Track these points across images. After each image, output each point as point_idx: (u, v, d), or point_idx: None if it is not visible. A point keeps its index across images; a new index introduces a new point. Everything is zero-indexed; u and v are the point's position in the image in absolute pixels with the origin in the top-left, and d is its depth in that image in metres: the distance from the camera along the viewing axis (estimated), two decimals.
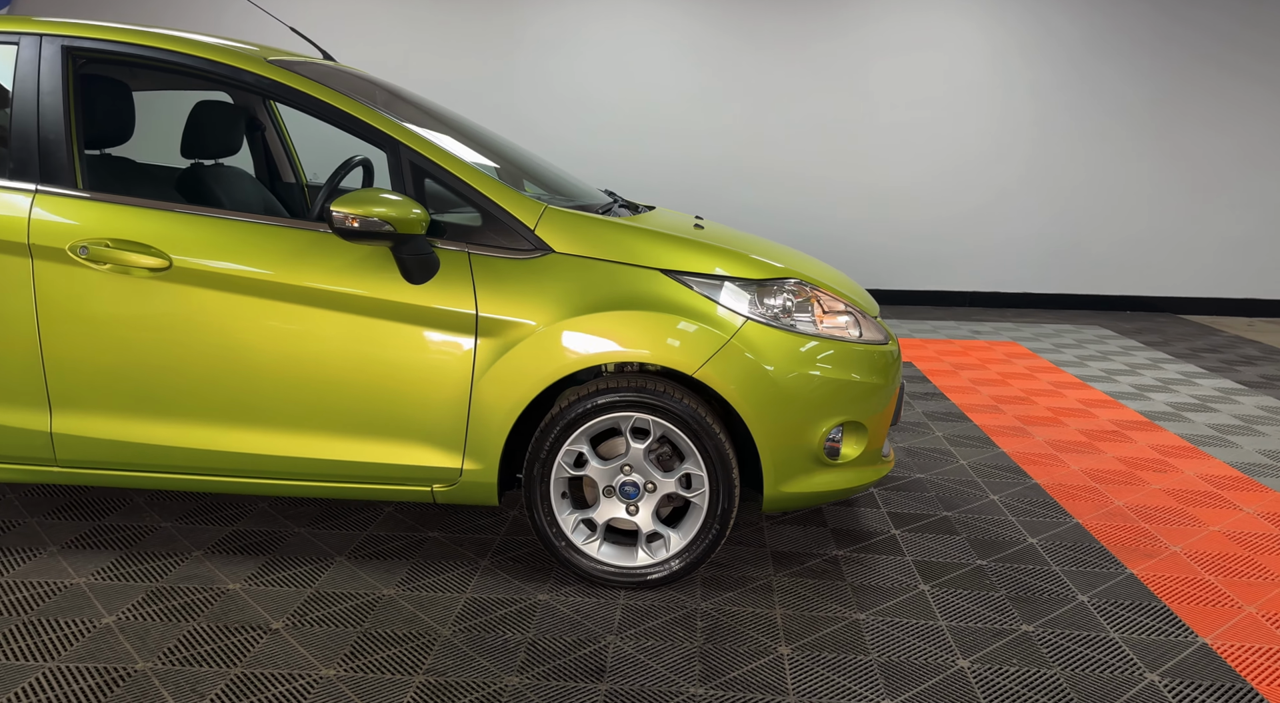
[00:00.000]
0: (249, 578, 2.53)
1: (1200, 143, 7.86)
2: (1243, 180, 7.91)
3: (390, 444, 2.48)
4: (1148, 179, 7.94)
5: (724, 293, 2.47)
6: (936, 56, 7.80)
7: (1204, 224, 8.01)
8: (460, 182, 2.48)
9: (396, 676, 2.05)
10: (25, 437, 2.47)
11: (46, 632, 2.21)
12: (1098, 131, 7.88)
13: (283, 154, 3.96)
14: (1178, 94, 7.79)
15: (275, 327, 2.42)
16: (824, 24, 7.79)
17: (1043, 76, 7.80)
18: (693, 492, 2.46)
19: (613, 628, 2.29)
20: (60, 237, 2.39)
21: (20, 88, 2.49)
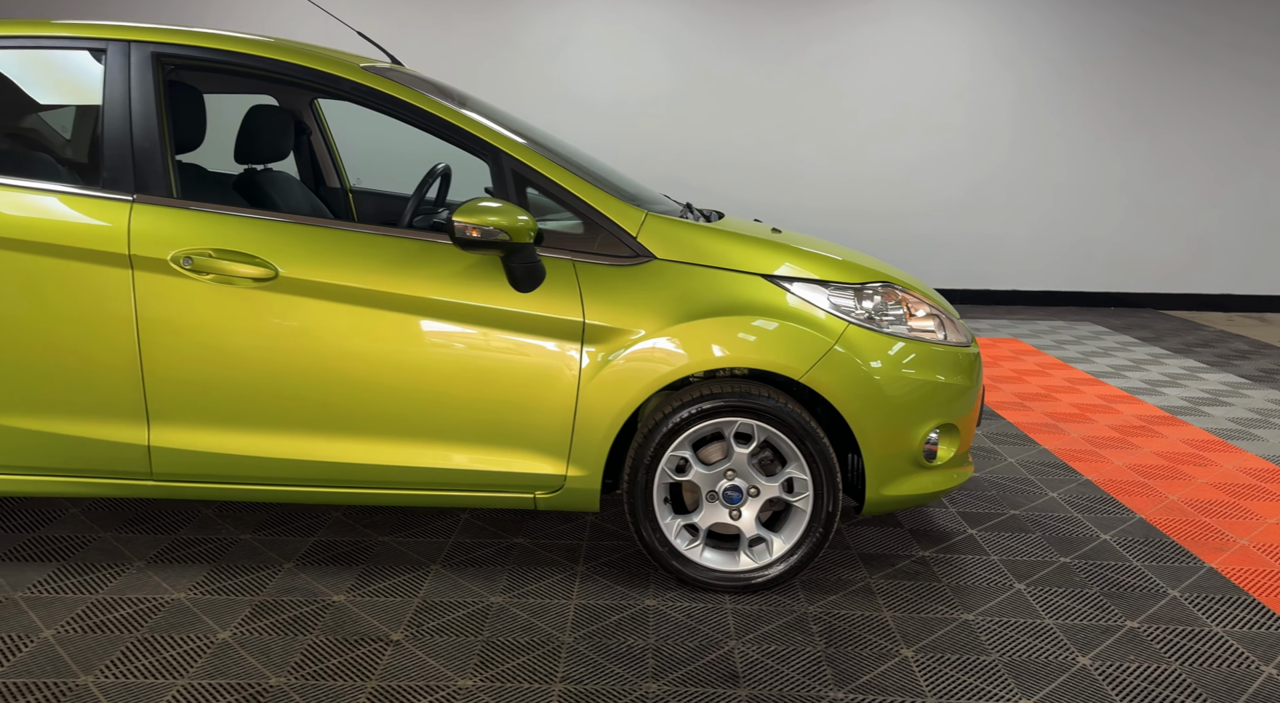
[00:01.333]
0: (350, 589, 2.52)
1: (1175, 140, 8.06)
2: (1217, 176, 8.12)
3: (495, 452, 2.48)
4: (1126, 176, 8.13)
5: (824, 297, 2.51)
6: (920, 57, 7.90)
7: (1179, 220, 8.22)
8: (563, 190, 2.49)
9: (535, 684, 2.05)
10: (122, 451, 2.43)
11: (165, 648, 2.18)
12: (1077, 131, 8.04)
13: (328, 158, 3.92)
14: (1154, 92, 7.97)
15: (380, 336, 2.41)
16: (816, 25, 7.86)
17: (1025, 76, 7.94)
18: (795, 496, 2.49)
19: (730, 633, 2.31)
20: (161, 247, 2.35)
21: (111, 96, 2.45)
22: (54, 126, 3.30)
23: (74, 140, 3.32)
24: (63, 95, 3.00)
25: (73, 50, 2.55)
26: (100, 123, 2.44)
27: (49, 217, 2.35)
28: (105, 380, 2.39)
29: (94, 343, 2.36)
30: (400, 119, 2.54)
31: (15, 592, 2.44)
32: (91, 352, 2.37)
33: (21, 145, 3.17)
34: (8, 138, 3.06)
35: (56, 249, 2.34)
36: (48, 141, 3.26)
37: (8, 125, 2.99)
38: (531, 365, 2.42)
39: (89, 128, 2.83)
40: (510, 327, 2.41)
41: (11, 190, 2.38)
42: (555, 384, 2.43)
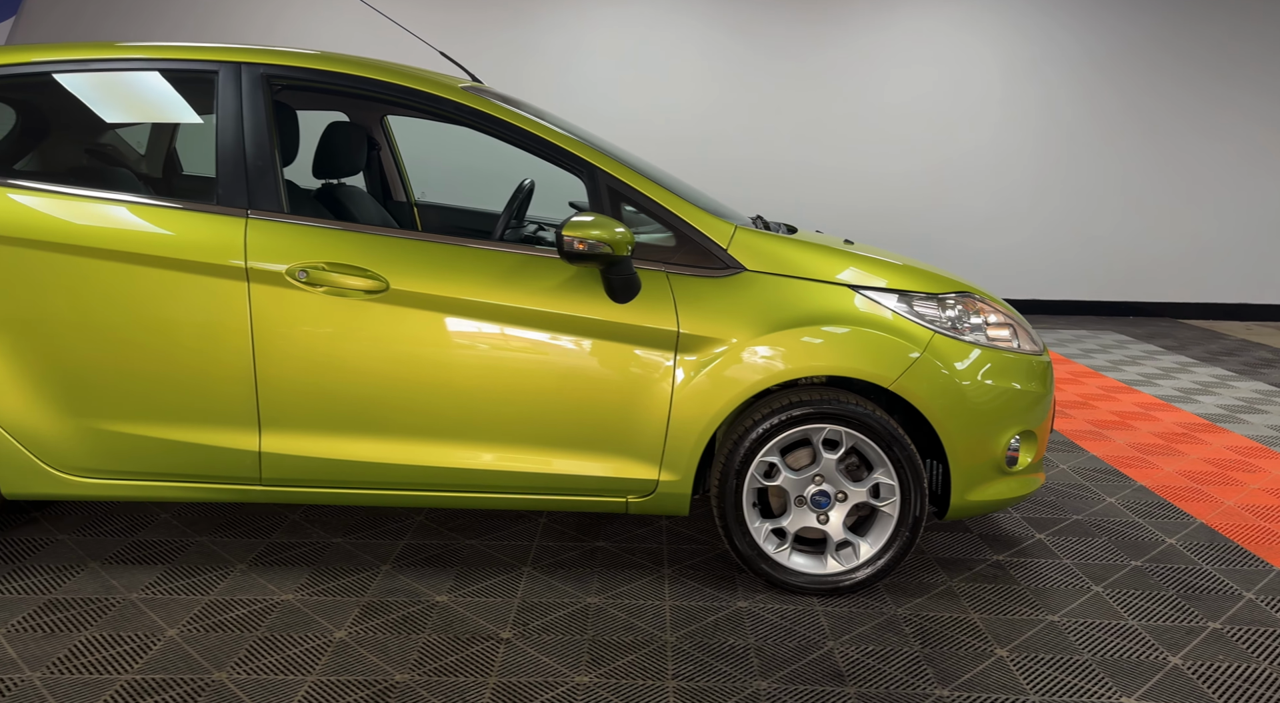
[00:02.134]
0: (451, 590, 2.60)
1: (1194, 150, 8.15)
2: (1235, 186, 8.21)
3: (591, 457, 2.56)
4: (1145, 187, 8.22)
5: (910, 307, 2.59)
6: (943, 69, 8.00)
7: (1198, 230, 8.30)
8: (657, 205, 2.58)
9: (648, 681, 2.13)
10: (234, 457, 2.52)
11: (287, 647, 2.26)
12: (1097, 141, 8.13)
13: (395, 173, 4.02)
14: (1172, 103, 8.07)
15: (484, 345, 2.50)
16: (839, 37, 7.95)
17: (1048, 89, 8.03)
18: (881, 501, 2.58)
19: (827, 634, 2.39)
20: (277, 260, 2.44)
21: (224, 116, 2.54)
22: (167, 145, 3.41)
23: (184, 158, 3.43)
24: (173, 115, 3.11)
25: (183, 73, 2.65)
26: (215, 142, 2.54)
27: (168, 232, 2.45)
28: (220, 389, 2.47)
29: (210, 353, 2.45)
30: (498, 137, 2.63)
31: (131, 593, 2.53)
32: (208, 361, 2.46)
33: (137, 163, 3.28)
34: (123, 156, 3.17)
35: (175, 263, 2.43)
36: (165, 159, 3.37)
37: (120, 143, 3.09)
38: (628, 373, 2.51)
39: (202, 145, 2.92)
40: (607, 336, 2.50)
41: (131, 207, 2.48)
42: (650, 391, 2.51)
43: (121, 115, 3.10)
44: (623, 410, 2.52)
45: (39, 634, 2.28)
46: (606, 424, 2.54)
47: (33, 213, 2.43)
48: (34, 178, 2.60)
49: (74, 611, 2.41)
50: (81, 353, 2.44)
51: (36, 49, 2.59)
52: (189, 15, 7.92)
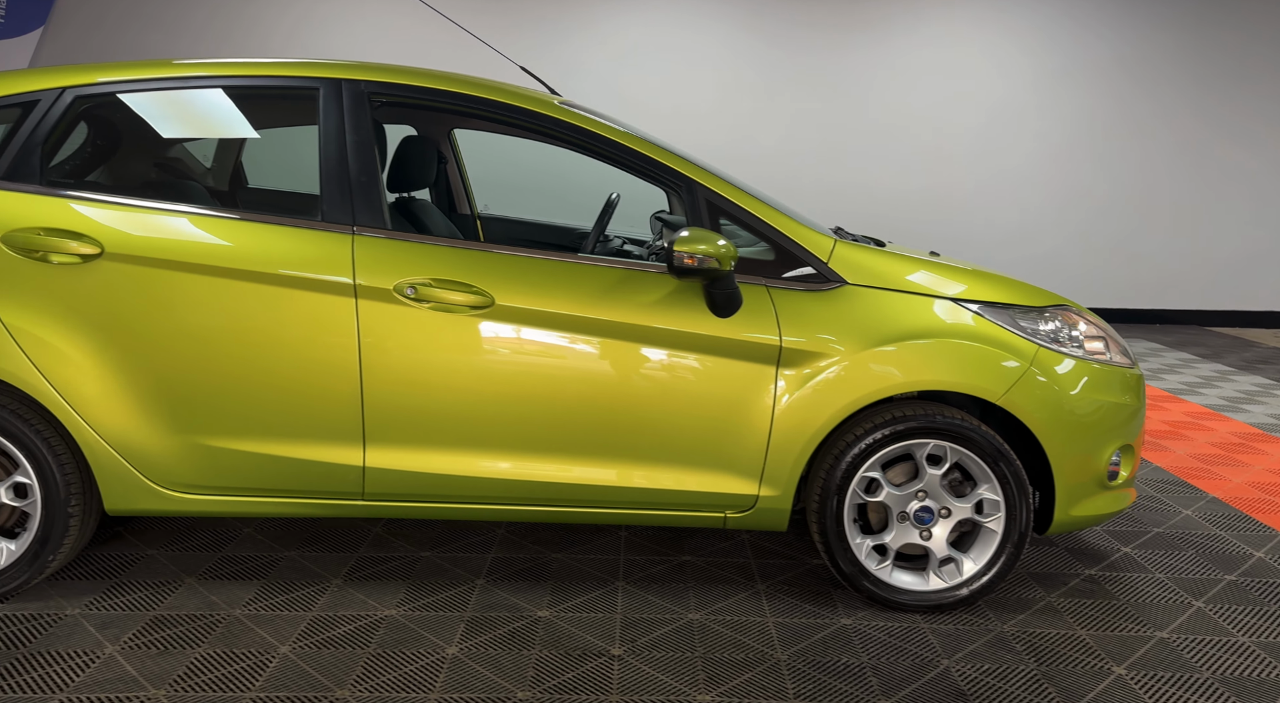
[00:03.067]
0: (551, 605, 2.59)
1: (1221, 158, 8.14)
2: (1263, 195, 8.20)
3: (691, 472, 2.55)
4: (1174, 194, 8.21)
5: (1011, 320, 2.58)
6: (972, 80, 8.00)
7: (1224, 238, 8.29)
8: (756, 218, 2.58)
9: (772, 701, 2.12)
10: (338, 472, 2.52)
11: (402, 664, 2.25)
12: (1126, 149, 8.12)
13: (460, 186, 4.02)
14: (1202, 112, 8.06)
15: (587, 360, 2.49)
16: (867, 48, 7.96)
17: (1077, 97, 8.04)
18: (985, 516, 2.56)
19: (938, 651, 2.38)
20: (385, 276, 2.44)
21: (327, 133, 2.55)
22: (234, 159, 3.42)
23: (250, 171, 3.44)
24: (271, 131, 3.12)
25: (285, 90, 2.66)
26: (318, 159, 2.54)
27: (275, 248, 2.45)
28: (327, 404, 2.47)
29: (317, 368, 2.45)
30: (596, 153, 2.64)
31: (233, 609, 2.52)
32: (315, 377, 2.46)
33: (204, 177, 3.29)
34: (190, 169, 3.18)
35: (283, 279, 2.43)
36: (231, 173, 3.38)
37: (188, 157, 3.10)
38: (729, 389, 2.50)
39: (268, 158, 2.93)
40: (709, 350, 2.49)
41: (237, 223, 2.49)
42: (751, 406, 2.51)
43: (221, 132, 3.11)
44: (723, 425, 2.52)
45: (153, 651, 2.28)
46: (707, 439, 2.53)
47: (140, 231, 2.44)
48: (138, 194, 2.61)
49: (182, 627, 2.41)
50: (188, 370, 2.44)
51: (137, 66, 2.60)
52: (210, 25, 7.97)
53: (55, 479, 2.44)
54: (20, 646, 2.29)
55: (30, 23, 8.17)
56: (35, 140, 2.49)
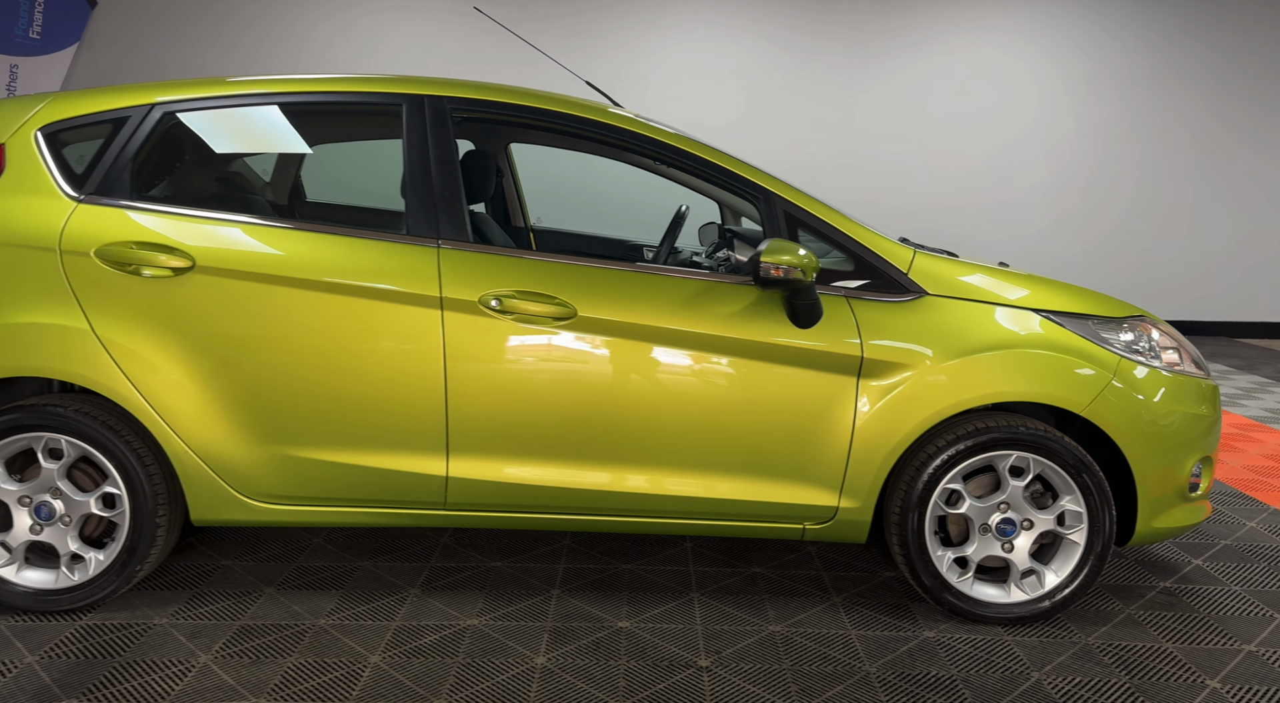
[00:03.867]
0: (630, 615, 2.60)
1: (1246, 170, 8.11)
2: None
3: (770, 483, 2.56)
4: (1197, 205, 8.17)
5: (1094, 331, 2.58)
6: (994, 90, 8.01)
7: (1249, 248, 8.25)
8: (834, 229, 2.59)
9: None
10: (422, 482, 2.53)
11: (493, 674, 2.26)
12: (1149, 161, 8.10)
13: (515, 199, 4.06)
14: (1225, 121, 8.03)
15: (668, 371, 2.51)
16: (883, 56, 7.98)
17: (1102, 108, 8.03)
18: (1068, 528, 2.55)
19: (1026, 664, 2.37)
20: (470, 288, 2.46)
21: (411, 148, 2.58)
22: (294, 173, 3.46)
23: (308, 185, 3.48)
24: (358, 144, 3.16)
25: (369, 106, 2.70)
26: (403, 173, 2.57)
27: (361, 261, 2.48)
28: (412, 414, 2.49)
29: (403, 379, 2.47)
30: (677, 167, 2.66)
31: (317, 619, 2.54)
32: (400, 388, 2.48)
33: (263, 190, 3.33)
34: (250, 183, 3.22)
35: (370, 292, 2.45)
36: (291, 187, 3.42)
37: (247, 171, 3.14)
38: (810, 399, 2.51)
39: (326, 172, 2.95)
40: (791, 361, 2.50)
41: (323, 236, 2.51)
42: (832, 418, 2.51)
43: (304, 147, 3.16)
44: (804, 436, 2.52)
45: (246, 660, 2.30)
46: (787, 450, 2.53)
47: (230, 244, 2.47)
48: (225, 209, 2.65)
49: (270, 637, 2.43)
50: (275, 381, 2.47)
51: (222, 82, 2.64)
52: (241, 39, 8.07)
53: (144, 490, 2.46)
54: (115, 655, 2.31)
55: (66, 39, 8.30)
56: (126, 156, 2.53)
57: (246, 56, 8.09)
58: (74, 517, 2.50)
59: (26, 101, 2.61)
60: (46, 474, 2.48)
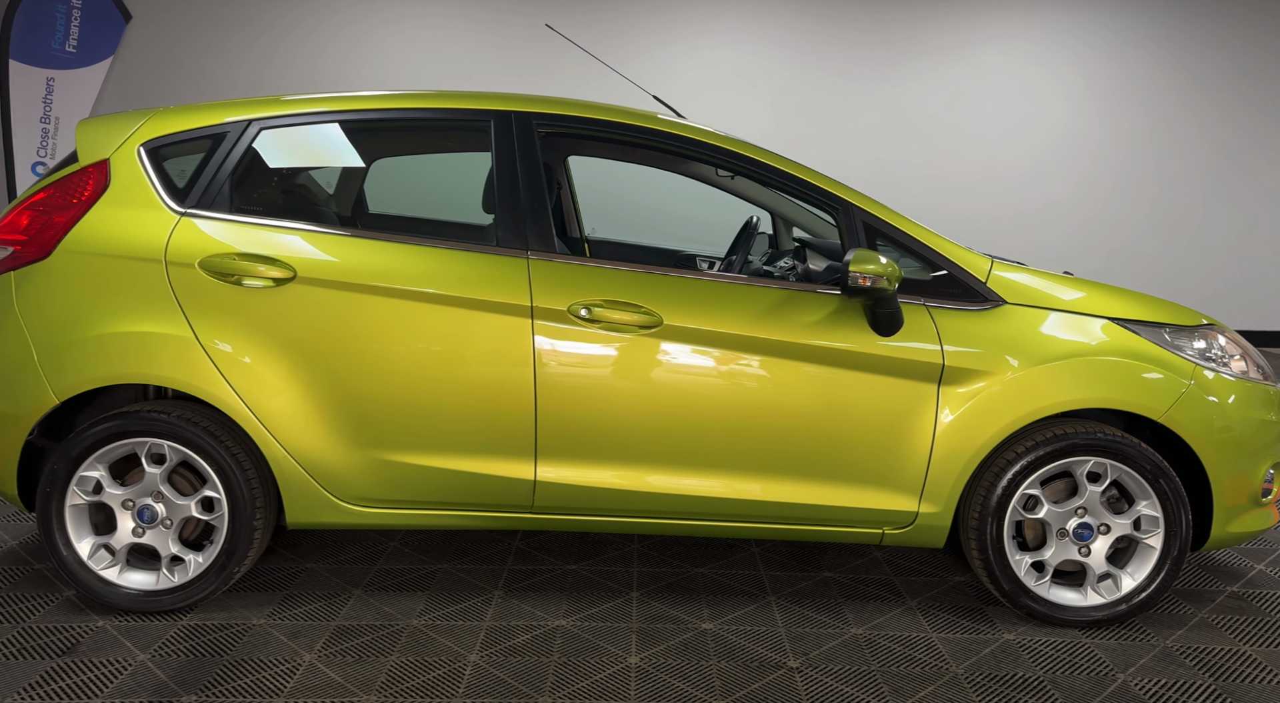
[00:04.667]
0: (711, 617, 2.66)
1: (1273, 181, 8.13)
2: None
3: (850, 488, 2.61)
4: (1225, 216, 8.19)
5: (1169, 339, 2.63)
6: (1021, 102, 8.05)
7: (1272, 259, 8.26)
8: (913, 239, 2.65)
9: None
10: (511, 486, 2.60)
11: (591, 672, 2.32)
12: (1175, 172, 8.13)
13: (571, 210, 4.13)
14: (1251, 134, 8.05)
15: (752, 378, 2.57)
16: (913, 66, 8.03)
17: (1126, 120, 8.07)
18: (1144, 533, 2.60)
19: (1110, 666, 2.41)
20: (559, 298, 2.53)
21: (501, 162, 2.66)
22: (359, 185, 3.55)
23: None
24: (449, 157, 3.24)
25: (457, 121, 2.78)
26: (494, 187, 2.65)
27: (455, 272, 2.55)
28: (503, 420, 2.56)
29: (495, 386, 2.54)
30: (758, 180, 2.74)
31: (409, 619, 2.60)
32: (492, 394, 2.54)
33: (327, 202, 3.41)
34: (315, 195, 3.30)
35: (463, 301, 2.52)
36: (355, 199, 3.50)
37: (312, 184, 3.22)
38: (890, 406, 2.56)
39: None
40: (871, 369, 2.56)
41: (416, 248, 2.59)
42: (913, 424, 2.56)
43: (391, 160, 3.25)
44: (885, 442, 2.58)
45: (349, 659, 2.36)
46: (869, 456, 2.59)
47: (329, 255, 2.55)
48: (321, 221, 2.73)
49: (367, 636, 2.49)
50: (372, 387, 2.54)
51: (316, 99, 2.73)
52: (277, 54, 8.20)
53: (242, 494, 2.54)
54: (222, 654, 2.38)
55: (101, 53, 8.45)
56: (225, 170, 2.62)
57: (280, 70, 8.22)
58: (174, 520, 2.58)
59: (128, 118, 2.70)
60: (149, 478, 2.56)
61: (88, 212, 2.56)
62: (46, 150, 8.32)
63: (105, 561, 2.59)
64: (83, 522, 2.58)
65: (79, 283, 2.51)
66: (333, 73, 8.17)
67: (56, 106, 8.30)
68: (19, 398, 2.51)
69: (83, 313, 2.51)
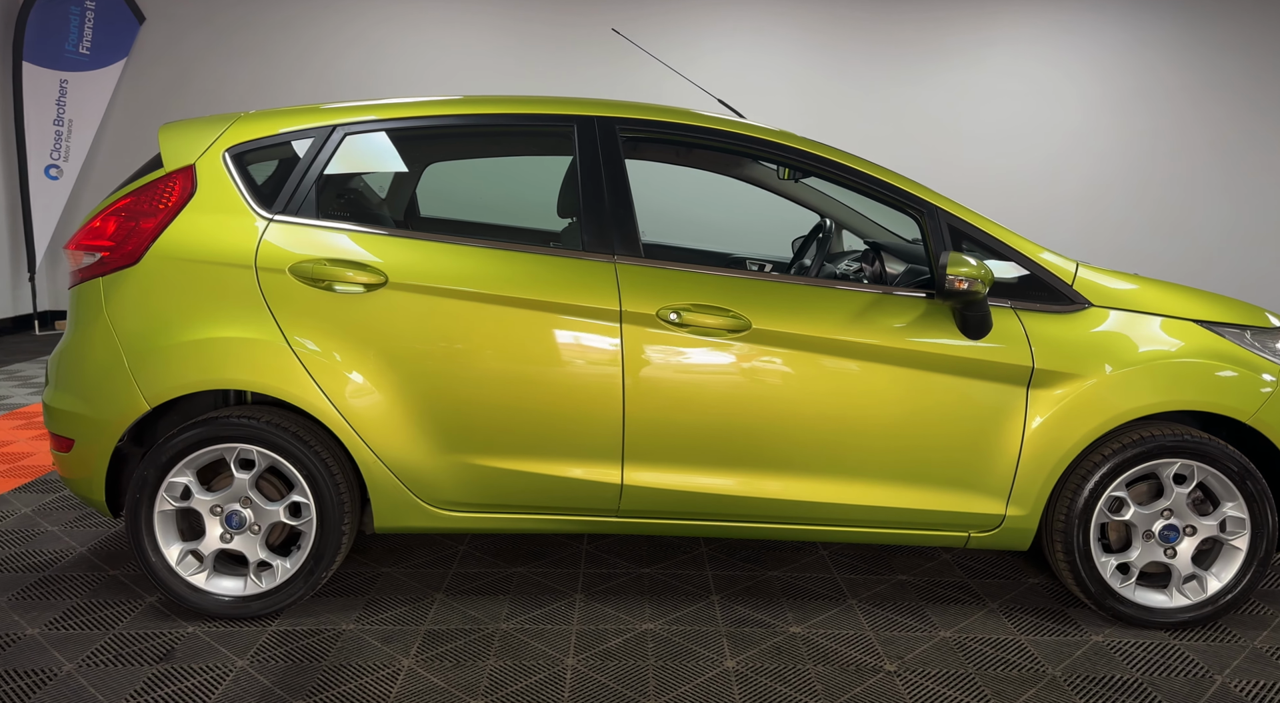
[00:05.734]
0: (797, 621, 2.66)
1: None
2: None
3: (938, 491, 2.62)
4: (1235, 218, 8.22)
5: (1251, 341, 2.64)
6: (1033, 103, 8.08)
7: None
8: (999, 242, 2.66)
9: None
10: (597, 489, 2.60)
11: (689, 676, 2.32)
12: (1189, 175, 8.16)
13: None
14: (1257, 139, 8.09)
15: (839, 381, 2.57)
16: (922, 68, 8.06)
17: (1138, 121, 8.10)
18: (1229, 534, 2.61)
19: (1204, 667, 2.42)
20: (648, 302, 2.54)
21: (585, 168, 2.66)
22: (411, 189, 3.54)
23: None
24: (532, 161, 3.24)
25: (539, 127, 2.78)
26: (578, 192, 2.65)
27: (544, 276, 2.55)
28: (592, 424, 2.56)
29: (584, 390, 2.54)
30: (840, 183, 2.73)
31: (498, 624, 2.60)
32: (581, 398, 2.54)
33: (379, 206, 3.41)
34: (367, 199, 3.30)
35: (553, 306, 2.53)
36: (409, 203, 3.50)
37: (365, 189, 3.22)
38: (981, 409, 2.57)
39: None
40: (962, 372, 2.56)
41: (504, 252, 2.59)
42: (1002, 426, 2.57)
43: (472, 164, 3.24)
44: (974, 445, 2.58)
45: (447, 664, 2.36)
46: (957, 459, 2.59)
47: (420, 261, 2.55)
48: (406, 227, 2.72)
49: (459, 641, 2.49)
50: (462, 392, 2.54)
51: (399, 105, 2.73)
52: (286, 55, 8.20)
53: (332, 498, 2.54)
54: (320, 659, 2.38)
55: (114, 54, 8.44)
56: (311, 176, 2.62)
57: (292, 72, 8.22)
58: (262, 525, 2.57)
59: (212, 124, 2.70)
60: (239, 484, 2.55)
61: (175, 218, 2.56)
62: (60, 152, 8.30)
63: (193, 566, 2.58)
64: (170, 528, 2.58)
65: (169, 289, 2.51)
66: (350, 73, 8.16)
67: (70, 109, 8.29)
68: (110, 404, 2.51)
69: (174, 318, 2.50)
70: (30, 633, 2.49)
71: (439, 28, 8.14)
